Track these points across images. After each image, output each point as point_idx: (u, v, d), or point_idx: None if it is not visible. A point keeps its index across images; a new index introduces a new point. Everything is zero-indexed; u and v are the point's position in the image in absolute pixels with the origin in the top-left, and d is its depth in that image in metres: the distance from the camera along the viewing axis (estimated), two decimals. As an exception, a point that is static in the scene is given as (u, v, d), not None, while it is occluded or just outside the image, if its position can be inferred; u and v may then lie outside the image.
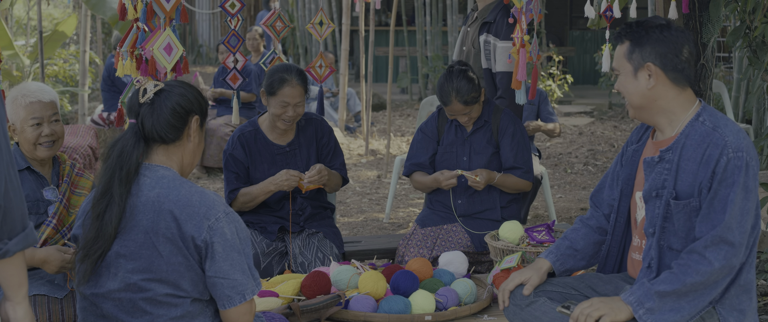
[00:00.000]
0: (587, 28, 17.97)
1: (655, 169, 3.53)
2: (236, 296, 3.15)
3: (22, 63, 11.90)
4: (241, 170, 5.20)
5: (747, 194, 3.33)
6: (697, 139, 3.41)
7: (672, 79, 3.48)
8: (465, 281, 4.46)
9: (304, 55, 19.20)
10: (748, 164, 3.34)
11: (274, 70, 5.14)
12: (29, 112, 4.23)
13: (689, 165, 3.41)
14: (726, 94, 10.29)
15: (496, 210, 5.34)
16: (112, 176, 3.16)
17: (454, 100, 5.20)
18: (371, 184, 10.14)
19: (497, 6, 5.93)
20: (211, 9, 25.11)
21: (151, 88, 3.23)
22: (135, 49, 4.89)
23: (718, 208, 3.33)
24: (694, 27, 6.13)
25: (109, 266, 3.17)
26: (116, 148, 3.20)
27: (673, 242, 3.48)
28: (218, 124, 10.46)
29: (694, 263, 3.32)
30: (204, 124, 3.36)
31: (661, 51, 3.47)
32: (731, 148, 3.34)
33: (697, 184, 3.39)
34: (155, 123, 3.20)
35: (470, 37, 6.05)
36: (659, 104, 3.51)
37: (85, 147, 7.56)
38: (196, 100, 3.28)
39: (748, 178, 3.33)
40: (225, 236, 3.11)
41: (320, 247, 5.14)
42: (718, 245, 3.30)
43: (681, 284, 3.33)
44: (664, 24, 3.51)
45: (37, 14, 9.17)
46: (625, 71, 3.55)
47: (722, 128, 3.40)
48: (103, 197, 3.16)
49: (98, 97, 15.25)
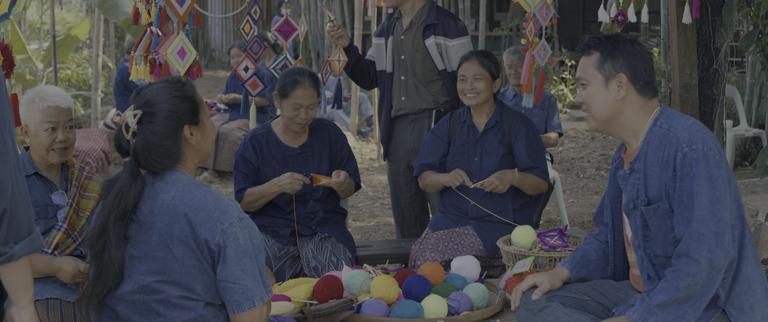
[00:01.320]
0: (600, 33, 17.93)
1: (628, 182, 3.57)
2: (245, 302, 3.15)
3: (36, 67, 11.93)
4: (250, 171, 5.23)
5: (713, 182, 3.34)
6: (656, 143, 3.46)
7: (640, 90, 3.53)
8: (477, 285, 4.45)
9: (317, 59, 19.20)
10: (706, 154, 3.35)
11: (287, 73, 5.18)
12: (45, 116, 4.23)
13: (653, 170, 3.45)
14: (739, 98, 10.27)
15: (508, 213, 5.34)
16: (108, 216, 3.12)
17: (472, 58, 5.37)
18: (383, 188, 10.14)
19: (431, 8, 5.98)
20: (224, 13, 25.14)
21: (132, 120, 3.12)
22: (148, 53, 4.90)
23: (687, 204, 3.35)
24: (707, 31, 6.12)
25: (123, 269, 3.17)
26: (113, 189, 3.14)
27: (655, 248, 3.52)
28: (231, 129, 10.48)
29: (683, 266, 3.34)
30: (201, 119, 3.24)
31: (632, 63, 3.53)
32: (684, 143, 3.38)
33: (662, 186, 3.43)
34: (149, 159, 3.12)
35: (410, 44, 6.02)
36: (624, 116, 3.56)
37: (97, 151, 7.58)
38: (180, 111, 3.17)
39: (709, 167, 3.34)
40: (238, 241, 3.11)
41: (334, 251, 5.16)
42: (698, 240, 3.32)
43: (676, 291, 3.34)
44: (633, 38, 3.60)
45: (51, 18, 9.20)
46: (594, 81, 3.59)
47: (675, 126, 3.45)
48: (100, 238, 3.14)
49: (111, 101, 15.29)
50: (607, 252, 3.91)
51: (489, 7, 19.65)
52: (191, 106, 3.20)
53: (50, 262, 4.08)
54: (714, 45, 6.18)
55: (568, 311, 3.63)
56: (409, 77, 6.03)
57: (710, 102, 6.27)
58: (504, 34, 16.73)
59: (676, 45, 5.27)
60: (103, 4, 10.65)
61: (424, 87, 6.00)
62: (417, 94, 6.01)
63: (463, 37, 5.95)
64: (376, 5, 7.96)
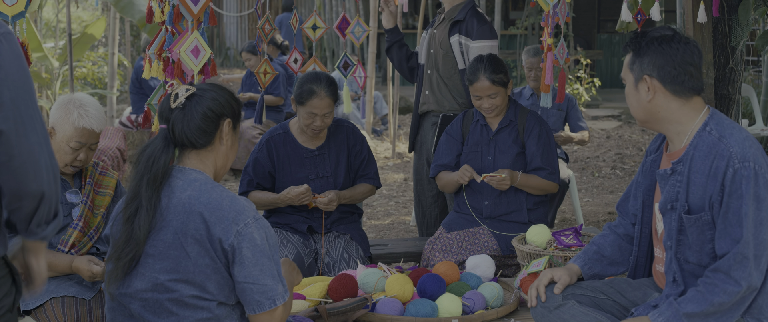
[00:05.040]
0: (615, 32, 17.89)
1: (668, 181, 3.49)
2: (266, 301, 3.15)
3: (52, 65, 11.96)
4: (257, 175, 5.23)
5: (759, 203, 3.27)
6: (705, 151, 3.36)
7: (672, 91, 3.43)
8: (492, 284, 4.45)
9: (331, 58, 19.23)
10: (757, 173, 3.27)
11: (304, 79, 5.13)
12: (76, 135, 4.17)
13: (699, 178, 3.37)
14: (755, 97, 10.23)
15: (522, 212, 5.32)
16: (141, 180, 3.17)
17: (481, 77, 5.22)
18: (398, 187, 10.14)
19: (466, 5, 5.95)
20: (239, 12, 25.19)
21: (183, 93, 3.22)
22: (162, 51, 4.91)
23: (733, 222, 3.28)
24: (723, 30, 6.10)
25: (137, 266, 3.18)
26: (145, 153, 3.21)
27: (688, 255, 3.45)
28: (245, 127, 10.50)
29: (721, 283, 3.28)
30: (237, 126, 3.35)
31: (659, 63, 3.42)
32: (737, 159, 3.29)
33: (707, 197, 3.34)
34: (185, 128, 3.20)
35: (438, 39, 6.03)
36: (661, 116, 3.47)
37: (113, 149, 7.60)
38: (228, 104, 3.27)
39: (759, 187, 3.27)
40: (254, 241, 3.12)
41: (346, 248, 5.15)
42: (741, 262, 3.26)
43: (708, 305, 3.29)
44: (668, 35, 3.46)
45: (67, 17, 9.22)
46: (628, 82, 3.53)
47: (727, 138, 3.34)
48: (133, 202, 3.18)
49: (126, 100, 15.33)
50: (623, 247, 3.87)
51: (504, 5, 19.62)
52: (236, 107, 3.34)
53: (70, 262, 4.09)
54: (730, 44, 6.16)
55: (584, 309, 3.60)
56: (433, 72, 6.04)
57: (726, 101, 6.25)
58: (519, 33, 16.70)
59: (692, 44, 5.25)
60: (118, 3, 10.67)
61: (445, 84, 5.99)
62: (439, 89, 6.00)
63: (484, 40, 5.85)
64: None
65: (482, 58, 5.28)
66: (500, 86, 5.23)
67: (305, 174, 5.23)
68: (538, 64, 7.44)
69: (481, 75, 5.22)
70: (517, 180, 5.21)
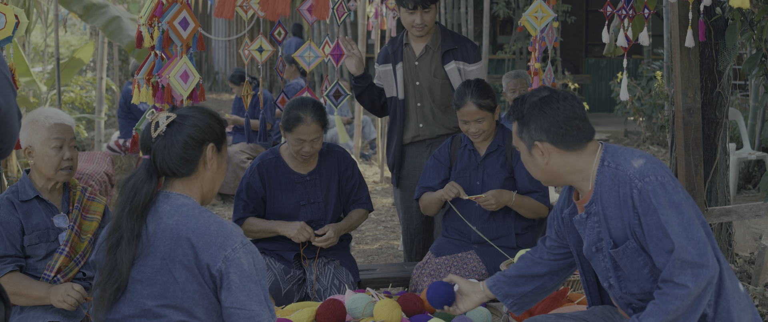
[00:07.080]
0: (603, 56, 17.96)
1: (586, 226, 3.52)
2: (252, 326, 3.13)
3: (39, 89, 11.93)
4: (251, 200, 5.22)
5: (677, 207, 3.30)
6: (609, 184, 3.40)
7: (565, 148, 3.45)
8: (481, 309, 4.44)
9: (320, 82, 19.25)
10: (661, 182, 3.32)
11: (291, 106, 5.13)
12: (52, 133, 4.21)
13: (613, 211, 3.40)
14: (742, 121, 10.27)
15: (511, 237, 5.32)
16: (122, 211, 3.16)
17: (468, 101, 5.21)
18: (386, 211, 10.13)
19: (444, 33, 5.93)
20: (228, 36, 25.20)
21: (164, 121, 3.20)
22: (151, 76, 4.91)
23: (659, 235, 3.31)
24: (710, 55, 6.13)
25: (124, 292, 3.17)
26: (129, 184, 3.19)
27: (631, 287, 3.48)
28: (234, 152, 10.49)
29: (670, 290, 3.30)
30: (222, 148, 3.32)
31: (545, 126, 3.44)
32: (637, 179, 3.33)
33: (626, 226, 3.38)
34: (166, 159, 3.18)
35: (428, 70, 5.94)
36: (563, 172, 3.50)
37: (101, 173, 7.59)
38: (209, 128, 3.25)
39: (669, 194, 3.31)
40: (242, 266, 3.10)
41: (336, 274, 5.14)
42: (683, 268, 3.27)
43: (665, 314, 3.31)
44: (546, 96, 3.47)
45: (55, 41, 9.20)
46: (522, 149, 3.55)
47: (623, 164, 3.39)
48: (115, 232, 3.16)
49: (114, 124, 15.30)
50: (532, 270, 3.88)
51: (492, 30, 19.68)
52: (220, 130, 3.30)
53: (47, 294, 4.09)
54: (717, 68, 6.18)
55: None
56: (426, 103, 5.95)
57: (713, 125, 6.27)
58: (507, 58, 16.75)
59: (679, 68, 5.27)
60: (107, 27, 10.66)
61: (442, 113, 5.95)
62: (435, 120, 5.95)
63: (479, 61, 5.91)
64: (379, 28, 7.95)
65: (469, 83, 5.28)
66: (487, 111, 5.24)
67: (296, 200, 5.22)
68: (520, 85, 7.46)
69: (468, 100, 5.22)
70: (513, 200, 5.21)
